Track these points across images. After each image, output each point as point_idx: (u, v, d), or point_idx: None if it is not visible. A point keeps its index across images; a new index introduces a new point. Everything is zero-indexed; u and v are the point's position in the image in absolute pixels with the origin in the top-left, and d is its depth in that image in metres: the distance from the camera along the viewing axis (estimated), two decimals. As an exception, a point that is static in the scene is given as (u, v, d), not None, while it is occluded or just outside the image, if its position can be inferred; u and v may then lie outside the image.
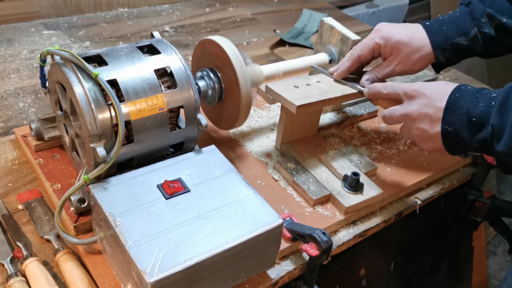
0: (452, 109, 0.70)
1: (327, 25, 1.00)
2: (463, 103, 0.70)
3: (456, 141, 0.71)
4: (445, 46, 0.84)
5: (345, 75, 0.89)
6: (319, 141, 0.95)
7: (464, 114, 0.69)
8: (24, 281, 0.65)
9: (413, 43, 0.84)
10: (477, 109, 0.68)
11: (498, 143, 0.66)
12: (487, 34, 0.84)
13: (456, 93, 0.71)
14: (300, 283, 0.77)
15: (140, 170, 0.70)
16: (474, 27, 0.84)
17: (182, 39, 1.35)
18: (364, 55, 0.87)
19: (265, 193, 0.83)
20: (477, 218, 1.11)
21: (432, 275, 1.27)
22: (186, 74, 0.75)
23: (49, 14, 1.35)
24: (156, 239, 0.60)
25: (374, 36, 0.86)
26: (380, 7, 2.03)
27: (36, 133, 0.82)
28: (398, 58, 0.85)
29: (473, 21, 0.84)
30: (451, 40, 0.84)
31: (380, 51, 0.86)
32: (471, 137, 0.69)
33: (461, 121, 0.70)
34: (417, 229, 1.17)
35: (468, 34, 0.84)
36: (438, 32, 0.85)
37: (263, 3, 1.64)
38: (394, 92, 0.79)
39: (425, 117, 0.73)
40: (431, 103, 0.73)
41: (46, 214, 0.76)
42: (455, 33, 0.85)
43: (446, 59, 0.86)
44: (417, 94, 0.75)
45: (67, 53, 0.68)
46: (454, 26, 0.85)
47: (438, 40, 0.84)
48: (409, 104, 0.76)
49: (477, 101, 0.69)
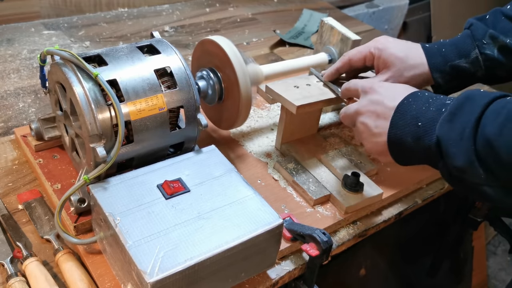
0: (401, 113, 0.66)
1: (327, 25, 1.00)
2: (413, 107, 0.66)
3: (401, 149, 0.67)
4: (444, 68, 0.81)
5: (334, 76, 0.87)
6: (319, 141, 0.95)
7: (412, 118, 0.65)
8: (24, 281, 0.65)
9: (408, 60, 0.81)
10: (426, 114, 0.64)
11: (450, 156, 0.60)
12: (489, 56, 0.80)
13: (410, 97, 0.67)
14: (300, 283, 0.77)
15: (140, 170, 0.70)
16: (475, 49, 0.80)
17: (182, 39, 1.35)
18: (355, 59, 0.85)
19: (265, 193, 0.83)
20: (477, 218, 1.11)
21: (432, 275, 1.27)
22: (186, 74, 0.75)
23: (49, 14, 1.35)
24: (156, 239, 0.60)
25: (370, 45, 0.84)
26: (380, 7, 2.03)
27: (36, 133, 0.82)
28: (390, 72, 0.82)
29: (473, 42, 0.81)
30: (451, 62, 0.81)
31: (374, 62, 0.84)
32: (415, 145, 0.64)
33: (408, 126, 0.65)
34: (417, 229, 1.17)
35: (469, 56, 0.81)
36: (437, 54, 0.82)
37: (263, 3, 1.64)
38: (354, 88, 0.76)
39: (371, 114, 0.70)
40: (380, 100, 0.70)
41: (46, 214, 0.76)
42: (455, 54, 0.81)
43: (446, 82, 0.82)
44: (370, 90, 0.72)
45: (67, 53, 0.68)
46: (454, 47, 0.82)
47: (436, 61, 0.81)
48: (361, 100, 0.73)
49: (428, 106, 0.64)
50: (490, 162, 0.56)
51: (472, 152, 0.57)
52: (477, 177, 0.58)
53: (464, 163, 0.58)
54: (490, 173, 0.57)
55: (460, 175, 0.61)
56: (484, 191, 0.59)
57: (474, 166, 0.58)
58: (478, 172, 0.58)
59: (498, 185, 0.58)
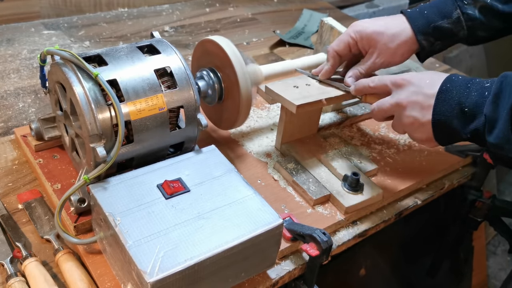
0: (443, 99, 0.69)
1: (327, 25, 1.00)
2: (454, 93, 0.69)
3: (448, 132, 0.70)
4: (427, 29, 0.82)
5: (331, 74, 0.88)
6: (319, 141, 0.95)
7: (456, 104, 0.68)
8: (24, 281, 0.65)
9: (388, 31, 0.82)
10: (469, 99, 0.67)
11: (490, 135, 0.65)
12: (470, 16, 0.82)
13: (447, 83, 0.70)
14: (300, 283, 0.77)
15: (140, 170, 0.70)
16: (457, 9, 0.82)
17: (182, 39, 1.35)
18: (341, 50, 0.85)
19: (265, 193, 0.83)
20: (477, 218, 1.11)
21: (432, 275, 1.27)
22: (186, 74, 0.75)
23: (49, 14, 1.35)
24: (156, 239, 0.60)
25: (349, 30, 0.85)
26: (380, 7, 2.03)
27: (36, 133, 0.82)
28: (376, 50, 0.83)
29: (455, 2, 0.82)
30: (433, 23, 0.82)
31: (358, 46, 0.84)
32: (462, 127, 0.68)
33: (453, 111, 0.68)
34: (417, 229, 1.17)
35: (451, 17, 0.82)
36: (419, 16, 0.82)
37: (263, 3, 1.64)
38: (381, 84, 0.77)
39: (415, 104, 0.72)
40: (420, 90, 0.72)
41: (46, 214, 0.76)
42: (437, 16, 0.82)
43: (429, 44, 0.83)
44: (405, 82, 0.74)
45: (67, 53, 0.68)
46: (436, 9, 0.83)
47: (419, 23, 0.82)
48: (398, 93, 0.74)
49: (469, 91, 0.68)
50: None
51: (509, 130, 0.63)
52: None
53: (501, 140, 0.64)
54: None
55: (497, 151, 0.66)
56: None
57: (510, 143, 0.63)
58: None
59: None
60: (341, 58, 0.86)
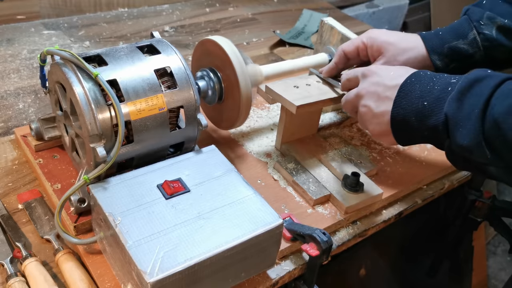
0: (405, 93, 0.66)
1: (327, 25, 1.00)
2: (417, 87, 0.65)
3: (405, 128, 0.67)
4: (442, 49, 0.81)
5: (334, 72, 0.88)
6: (319, 141, 0.95)
7: (417, 98, 0.64)
8: (24, 281, 0.65)
9: (400, 44, 0.81)
10: (431, 94, 0.63)
11: (456, 135, 0.60)
12: (487, 36, 0.80)
13: (412, 77, 0.67)
14: (300, 283, 0.77)
15: (140, 170, 0.70)
16: (473, 29, 0.80)
17: (182, 39, 1.35)
18: (349, 51, 0.85)
19: (265, 193, 0.83)
20: (477, 218, 1.11)
21: (432, 275, 1.27)
22: (186, 74, 0.75)
23: (49, 14, 1.35)
24: (156, 239, 0.60)
25: (363, 36, 0.85)
26: (380, 7, 2.03)
27: (36, 133, 0.82)
28: (384, 58, 0.82)
29: (470, 23, 0.81)
30: (448, 43, 0.81)
31: (368, 51, 0.84)
32: (420, 124, 0.64)
33: (412, 105, 0.65)
34: (417, 229, 1.17)
35: (466, 37, 0.80)
36: (434, 37, 0.82)
37: (263, 3, 1.64)
38: (354, 76, 0.76)
39: (372, 94, 0.70)
40: (381, 81, 0.69)
41: (46, 214, 0.76)
42: (452, 36, 0.81)
43: (445, 65, 0.82)
44: (370, 73, 0.72)
45: (67, 53, 0.68)
46: (451, 30, 0.82)
47: (433, 43, 0.81)
48: (362, 83, 0.73)
49: (432, 85, 0.64)
50: (497, 143, 0.57)
51: (480, 132, 0.57)
52: (483, 157, 0.58)
53: (471, 142, 0.58)
54: (496, 154, 0.57)
55: (465, 154, 0.60)
56: (488, 170, 0.60)
57: (481, 146, 0.58)
58: (484, 153, 0.58)
59: (502, 165, 0.58)
60: (348, 59, 0.86)
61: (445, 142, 0.63)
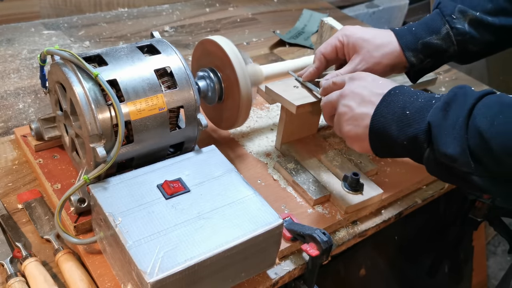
0: (388, 102, 0.66)
1: (327, 25, 1.00)
2: (400, 98, 0.65)
3: (383, 137, 0.66)
4: (416, 46, 0.80)
5: (314, 77, 0.86)
6: (319, 141, 0.95)
7: (400, 108, 0.64)
8: (23, 281, 0.65)
9: (375, 40, 0.80)
10: (414, 104, 0.63)
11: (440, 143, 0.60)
12: (460, 30, 0.79)
13: (397, 89, 0.67)
14: (300, 283, 0.77)
15: (140, 170, 0.70)
16: (445, 24, 0.80)
17: (182, 39, 1.35)
18: (327, 53, 0.83)
19: (265, 193, 0.83)
20: (477, 218, 1.11)
21: (432, 275, 1.27)
22: (186, 74, 0.75)
23: (49, 14, 1.35)
24: (156, 239, 0.60)
25: (338, 34, 0.83)
26: (380, 7, 2.03)
27: (36, 133, 0.82)
28: (360, 55, 0.80)
29: (443, 18, 0.80)
30: (422, 39, 0.80)
31: (344, 50, 0.83)
32: (400, 133, 0.63)
33: (394, 114, 0.64)
34: (417, 229, 1.17)
35: (439, 32, 0.80)
36: (407, 33, 0.81)
37: (263, 3, 1.64)
38: (341, 81, 0.74)
39: (356, 96, 0.69)
40: (368, 85, 0.69)
41: (46, 214, 0.76)
42: (426, 32, 0.80)
43: (419, 61, 0.81)
44: (359, 77, 0.71)
45: (67, 53, 0.68)
46: (424, 26, 0.81)
47: (407, 40, 0.80)
48: (347, 85, 0.72)
49: (416, 97, 0.64)
50: (481, 153, 0.57)
51: (465, 142, 0.57)
52: (467, 167, 0.58)
53: (456, 152, 0.58)
54: (480, 164, 0.57)
55: (449, 163, 0.60)
56: (473, 180, 0.59)
57: (465, 155, 0.58)
58: (468, 162, 0.58)
59: (486, 175, 0.58)
60: (328, 61, 0.85)
61: (424, 153, 0.63)
